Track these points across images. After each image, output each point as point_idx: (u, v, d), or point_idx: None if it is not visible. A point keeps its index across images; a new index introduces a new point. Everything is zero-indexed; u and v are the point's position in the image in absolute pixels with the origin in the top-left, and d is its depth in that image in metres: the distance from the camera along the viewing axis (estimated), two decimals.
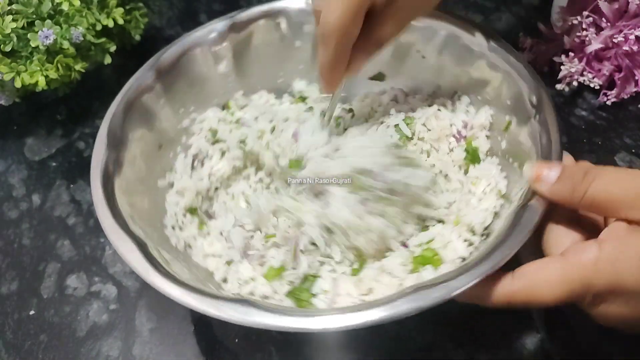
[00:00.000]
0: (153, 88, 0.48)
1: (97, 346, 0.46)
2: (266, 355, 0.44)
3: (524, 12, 0.70)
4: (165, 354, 0.45)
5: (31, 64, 0.54)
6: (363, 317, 0.33)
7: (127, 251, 0.37)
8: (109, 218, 0.39)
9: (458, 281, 0.33)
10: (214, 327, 0.46)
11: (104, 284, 0.49)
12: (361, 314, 0.33)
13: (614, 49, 0.56)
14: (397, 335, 0.44)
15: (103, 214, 0.39)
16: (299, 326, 0.33)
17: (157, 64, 0.49)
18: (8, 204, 0.56)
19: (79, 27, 0.55)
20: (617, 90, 0.58)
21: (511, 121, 0.45)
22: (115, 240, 0.38)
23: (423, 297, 0.33)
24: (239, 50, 0.53)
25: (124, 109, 0.46)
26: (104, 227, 0.38)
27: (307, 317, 0.33)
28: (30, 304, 0.49)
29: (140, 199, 0.44)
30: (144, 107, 0.48)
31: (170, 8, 0.77)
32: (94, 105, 0.65)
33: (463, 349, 0.43)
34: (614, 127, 0.57)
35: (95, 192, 0.40)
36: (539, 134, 0.40)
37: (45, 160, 0.60)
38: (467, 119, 0.49)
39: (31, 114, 0.64)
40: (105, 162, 0.42)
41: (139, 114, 0.47)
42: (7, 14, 0.53)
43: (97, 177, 0.41)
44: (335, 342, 0.45)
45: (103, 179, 0.41)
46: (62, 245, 0.53)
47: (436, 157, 0.49)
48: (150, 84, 0.48)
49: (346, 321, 0.33)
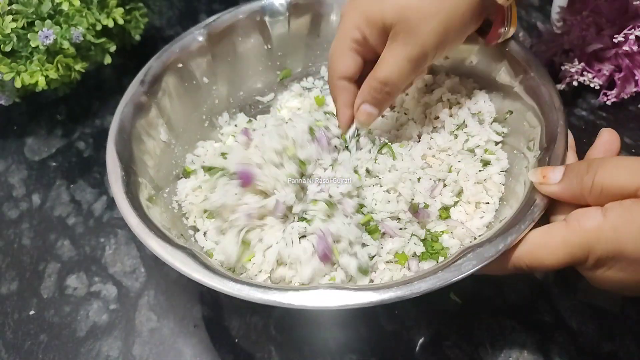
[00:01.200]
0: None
1: (97, 346, 0.46)
2: (266, 355, 0.44)
3: (524, 12, 0.71)
4: (165, 354, 0.45)
5: (31, 64, 0.55)
6: (367, 297, 0.34)
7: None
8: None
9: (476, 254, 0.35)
10: (214, 327, 0.46)
11: (104, 284, 0.50)
12: (368, 293, 0.34)
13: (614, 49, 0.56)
14: (397, 334, 0.44)
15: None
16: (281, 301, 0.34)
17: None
18: (8, 204, 0.56)
19: (79, 27, 0.55)
20: (617, 90, 0.58)
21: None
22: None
23: (461, 265, 0.35)
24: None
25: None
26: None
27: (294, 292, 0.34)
28: (30, 304, 0.49)
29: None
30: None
31: (170, 8, 0.77)
32: (94, 105, 0.65)
33: (463, 349, 0.43)
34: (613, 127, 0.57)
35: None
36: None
37: (45, 160, 0.60)
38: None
39: (31, 114, 0.65)
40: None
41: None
42: (7, 14, 0.53)
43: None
44: (335, 341, 0.45)
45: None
46: (62, 245, 0.53)
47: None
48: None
49: (351, 300, 0.34)
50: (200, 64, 0.53)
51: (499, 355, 0.43)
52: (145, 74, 0.50)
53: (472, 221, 0.45)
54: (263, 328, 0.45)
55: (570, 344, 0.43)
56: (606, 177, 0.34)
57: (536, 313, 0.45)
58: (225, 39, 0.54)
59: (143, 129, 0.48)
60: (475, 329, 0.44)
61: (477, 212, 0.45)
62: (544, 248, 0.35)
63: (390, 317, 0.45)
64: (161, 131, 0.50)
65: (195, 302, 0.47)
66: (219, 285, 0.35)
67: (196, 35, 0.52)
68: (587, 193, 0.35)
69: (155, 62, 0.51)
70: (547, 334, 0.44)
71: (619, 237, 0.32)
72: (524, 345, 0.43)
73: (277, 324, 0.45)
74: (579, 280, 0.47)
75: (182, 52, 0.52)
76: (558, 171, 0.37)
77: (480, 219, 0.45)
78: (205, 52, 0.53)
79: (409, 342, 0.44)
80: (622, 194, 0.34)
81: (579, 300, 0.45)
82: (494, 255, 0.35)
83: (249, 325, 0.46)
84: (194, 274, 0.36)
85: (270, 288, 0.35)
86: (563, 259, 0.34)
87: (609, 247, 0.33)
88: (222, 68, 0.55)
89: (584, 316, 0.45)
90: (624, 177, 0.34)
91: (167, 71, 0.51)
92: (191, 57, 0.52)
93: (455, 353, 0.43)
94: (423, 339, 0.44)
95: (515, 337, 0.44)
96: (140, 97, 0.48)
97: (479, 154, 0.48)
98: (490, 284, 0.46)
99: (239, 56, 0.55)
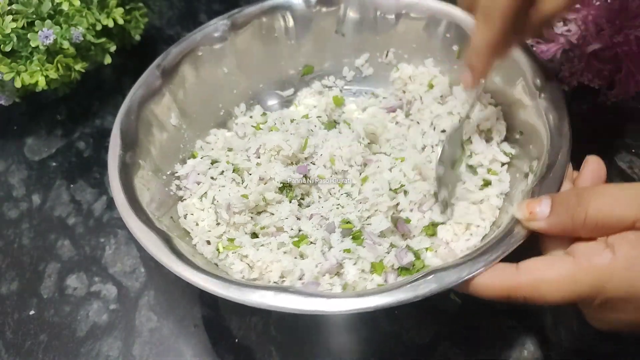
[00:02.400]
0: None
1: (97, 346, 0.46)
2: (266, 355, 0.44)
3: None
4: (165, 354, 0.45)
5: (31, 64, 0.55)
6: (362, 303, 0.34)
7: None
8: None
9: (458, 270, 0.34)
10: (214, 327, 0.46)
11: (104, 284, 0.50)
12: (359, 300, 0.34)
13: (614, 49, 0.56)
14: (397, 335, 0.44)
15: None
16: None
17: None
18: (8, 204, 0.56)
19: (79, 27, 0.55)
20: (617, 91, 0.58)
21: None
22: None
23: (418, 287, 0.34)
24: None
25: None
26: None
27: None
28: (30, 304, 0.49)
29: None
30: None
31: (170, 8, 0.77)
32: (94, 105, 0.65)
33: (463, 349, 0.43)
34: (613, 127, 0.57)
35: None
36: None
37: (45, 160, 0.60)
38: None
39: (31, 114, 0.65)
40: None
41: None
42: (7, 14, 0.53)
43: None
44: (335, 342, 0.45)
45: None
46: (62, 245, 0.53)
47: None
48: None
49: (347, 306, 0.34)
50: (221, 54, 0.53)
51: (498, 355, 0.43)
52: (163, 59, 0.50)
53: (458, 242, 0.43)
54: (263, 328, 0.45)
55: (570, 344, 0.43)
56: (600, 210, 0.32)
57: (536, 313, 0.45)
58: (248, 30, 0.54)
59: (152, 112, 0.49)
60: (475, 329, 0.44)
61: (466, 233, 0.44)
62: (548, 283, 0.32)
63: (390, 318, 0.45)
64: (172, 116, 0.51)
65: (195, 302, 0.47)
66: (179, 269, 0.37)
67: (219, 25, 0.53)
68: (579, 227, 0.33)
69: (175, 48, 0.51)
70: (547, 334, 0.44)
71: (631, 276, 0.30)
72: (523, 345, 0.43)
73: (277, 324, 0.45)
74: None
75: (204, 40, 0.52)
76: (545, 204, 0.34)
77: (466, 241, 0.43)
78: (227, 42, 0.53)
79: (408, 342, 0.44)
80: (619, 227, 0.32)
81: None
82: (456, 282, 0.34)
83: (249, 325, 0.46)
84: (163, 257, 0.37)
85: (248, 285, 0.36)
86: (568, 296, 0.32)
87: (622, 287, 0.31)
88: (243, 59, 0.55)
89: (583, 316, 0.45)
90: (619, 209, 0.32)
91: (186, 57, 0.51)
92: (212, 46, 0.53)
93: (455, 353, 0.43)
94: (423, 339, 0.44)
95: (515, 337, 0.44)
96: (154, 80, 0.49)
97: (481, 173, 0.47)
98: None
99: (261, 49, 0.55)
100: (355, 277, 0.41)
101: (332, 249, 0.43)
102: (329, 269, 0.41)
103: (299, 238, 0.45)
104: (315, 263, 0.42)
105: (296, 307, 0.34)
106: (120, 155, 0.44)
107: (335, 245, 0.43)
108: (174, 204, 0.47)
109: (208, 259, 0.44)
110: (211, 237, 0.45)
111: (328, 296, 0.35)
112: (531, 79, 0.45)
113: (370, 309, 0.33)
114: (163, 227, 0.41)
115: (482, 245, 0.37)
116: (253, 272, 0.42)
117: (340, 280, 0.42)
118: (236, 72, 0.55)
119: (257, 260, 0.42)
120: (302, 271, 0.41)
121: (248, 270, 0.43)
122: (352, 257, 0.42)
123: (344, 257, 0.42)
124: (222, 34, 0.53)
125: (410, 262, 0.42)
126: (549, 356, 0.43)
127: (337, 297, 0.34)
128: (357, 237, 0.44)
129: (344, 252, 0.42)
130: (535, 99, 0.44)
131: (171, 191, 0.48)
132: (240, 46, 0.54)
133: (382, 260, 0.42)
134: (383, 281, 0.42)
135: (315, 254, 0.43)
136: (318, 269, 0.41)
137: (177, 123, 0.51)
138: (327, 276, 0.42)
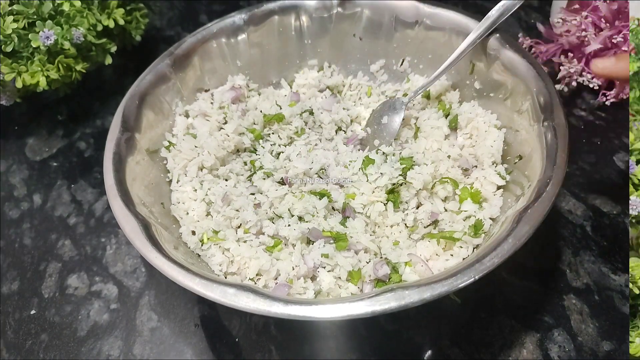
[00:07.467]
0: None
1: (98, 345, 0.46)
2: (266, 355, 0.44)
3: (524, 12, 0.71)
4: (166, 353, 0.45)
5: (32, 65, 0.55)
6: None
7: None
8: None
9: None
10: (214, 327, 0.46)
11: (105, 283, 0.50)
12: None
13: (613, 49, 0.57)
14: (397, 335, 0.45)
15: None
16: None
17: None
18: (9, 204, 0.57)
19: (80, 28, 0.56)
20: (616, 91, 0.58)
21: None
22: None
23: (377, 302, 0.34)
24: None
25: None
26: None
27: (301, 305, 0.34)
28: (31, 303, 0.49)
29: None
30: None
31: (171, 9, 0.77)
32: (94, 106, 0.65)
33: (462, 349, 0.44)
34: (612, 127, 0.58)
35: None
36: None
37: (46, 160, 0.60)
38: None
39: (32, 114, 0.65)
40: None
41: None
42: (8, 14, 0.53)
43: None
44: (335, 341, 0.45)
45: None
46: (63, 245, 0.53)
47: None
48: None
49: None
50: (235, 47, 0.54)
51: (498, 355, 0.43)
52: (177, 47, 0.51)
53: (437, 261, 0.43)
54: (263, 328, 0.45)
55: (570, 344, 0.43)
56: None
57: (536, 313, 0.45)
58: (265, 27, 0.55)
59: (157, 98, 0.50)
60: (475, 329, 0.44)
61: (446, 253, 0.43)
62: None
63: (391, 317, 0.45)
64: (179, 104, 0.52)
65: (195, 302, 0.47)
66: (154, 259, 0.37)
67: (237, 19, 0.53)
68: None
69: (191, 37, 0.52)
70: (547, 333, 0.44)
71: None
72: (523, 345, 0.43)
73: (277, 324, 0.45)
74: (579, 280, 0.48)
75: (219, 33, 0.53)
76: None
77: (445, 261, 0.42)
78: (243, 37, 0.54)
79: (409, 341, 0.44)
80: None
81: (578, 300, 0.45)
82: (416, 303, 0.33)
83: (249, 325, 0.46)
84: (136, 242, 0.38)
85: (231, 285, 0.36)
86: None
87: None
88: (258, 55, 0.56)
89: (583, 316, 0.45)
90: None
91: (199, 48, 0.52)
92: (228, 39, 0.53)
93: (455, 352, 0.43)
94: (423, 338, 0.44)
95: (515, 337, 0.44)
96: (164, 68, 0.50)
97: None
98: (490, 283, 0.46)
99: (277, 46, 0.56)
100: (331, 285, 0.41)
101: (312, 252, 0.43)
102: (305, 273, 0.41)
103: (274, 243, 0.44)
104: (293, 265, 0.42)
105: (254, 307, 0.34)
106: (117, 137, 0.44)
107: (315, 250, 0.43)
108: (167, 191, 0.48)
109: (191, 249, 0.44)
110: (197, 227, 0.45)
111: (286, 301, 0.34)
112: (538, 101, 0.44)
113: (323, 319, 0.33)
114: (148, 212, 0.42)
115: (452, 267, 0.36)
116: (232, 266, 0.43)
117: (314, 285, 0.41)
118: (248, 67, 0.56)
119: (237, 255, 0.42)
120: (278, 272, 0.42)
121: (227, 263, 0.43)
122: (330, 262, 0.42)
123: (323, 263, 0.42)
124: (238, 27, 0.53)
125: (387, 274, 0.41)
126: (549, 356, 0.43)
127: (293, 304, 0.34)
128: (342, 239, 0.43)
129: (322, 257, 0.42)
130: (539, 123, 0.43)
131: (167, 177, 0.49)
132: (256, 41, 0.55)
133: (360, 269, 0.42)
134: (358, 291, 0.42)
135: (293, 257, 0.42)
136: (295, 271, 0.41)
137: (182, 111, 0.52)
138: (302, 279, 0.41)
